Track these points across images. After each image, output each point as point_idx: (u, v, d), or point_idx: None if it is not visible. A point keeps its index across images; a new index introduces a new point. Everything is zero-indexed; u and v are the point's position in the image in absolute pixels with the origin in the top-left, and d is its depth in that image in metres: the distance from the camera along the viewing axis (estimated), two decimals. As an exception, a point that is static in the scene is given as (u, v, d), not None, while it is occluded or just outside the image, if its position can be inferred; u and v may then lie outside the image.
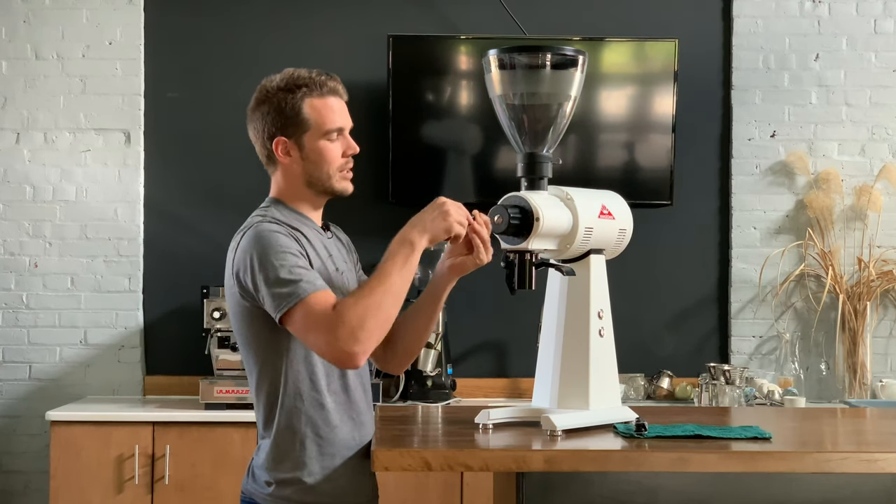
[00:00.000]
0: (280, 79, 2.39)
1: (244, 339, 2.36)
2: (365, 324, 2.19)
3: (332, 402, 2.35)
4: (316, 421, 2.32)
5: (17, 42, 4.60)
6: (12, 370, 4.59)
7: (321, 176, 2.40)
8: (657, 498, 2.27)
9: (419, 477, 4.03)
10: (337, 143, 2.40)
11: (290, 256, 2.25)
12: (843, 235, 4.67)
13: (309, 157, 2.38)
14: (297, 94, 2.36)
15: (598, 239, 2.47)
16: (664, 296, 4.71)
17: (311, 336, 2.22)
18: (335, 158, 2.40)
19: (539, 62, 2.43)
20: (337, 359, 2.22)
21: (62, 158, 4.60)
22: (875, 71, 4.70)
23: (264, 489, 2.34)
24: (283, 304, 2.21)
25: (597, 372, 2.44)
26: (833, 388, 4.60)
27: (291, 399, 2.32)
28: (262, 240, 2.27)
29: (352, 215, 4.59)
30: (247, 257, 2.27)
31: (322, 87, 2.38)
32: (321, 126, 2.37)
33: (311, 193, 2.42)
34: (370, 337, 2.20)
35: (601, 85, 4.53)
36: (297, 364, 2.32)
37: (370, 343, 2.21)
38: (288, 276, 2.22)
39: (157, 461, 4.06)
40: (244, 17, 4.65)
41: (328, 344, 2.19)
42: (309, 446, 2.32)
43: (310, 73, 2.40)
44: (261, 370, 2.34)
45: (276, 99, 2.37)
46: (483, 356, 4.69)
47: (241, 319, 2.35)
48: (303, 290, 2.21)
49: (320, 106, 2.38)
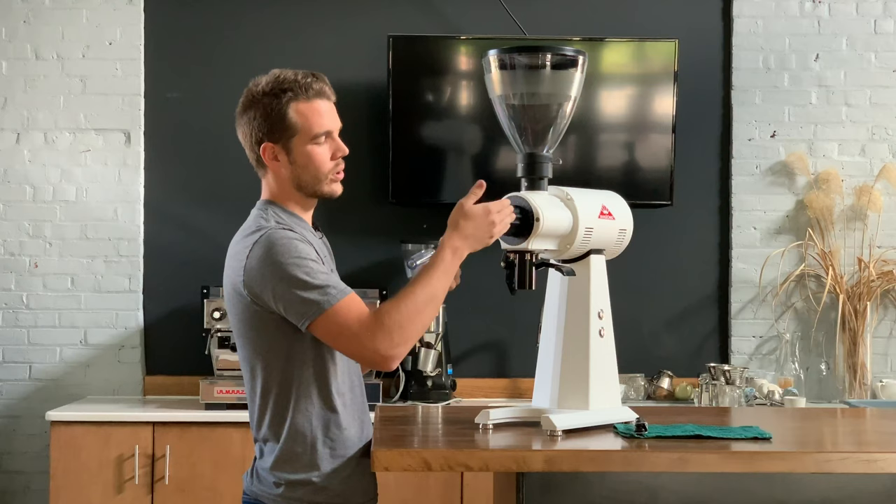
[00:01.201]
0: (265, 82, 2.36)
1: (249, 342, 2.34)
2: (404, 330, 2.21)
3: (341, 404, 2.35)
4: (328, 423, 2.33)
5: (17, 42, 4.60)
6: (12, 370, 4.59)
7: (310, 180, 2.38)
8: (657, 498, 2.27)
9: (419, 477, 4.03)
10: (325, 146, 2.37)
11: (311, 263, 2.25)
12: (843, 235, 4.67)
13: (297, 162, 2.36)
14: (283, 98, 2.33)
15: (598, 239, 2.47)
16: (664, 296, 4.71)
17: (344, 340, 2.22)
18: (324, 162, 2.37)
19: (539, 62, 2.43)
20: (372, 361, 2.25)
21: (62, 158, 4.60)
22: (875, 71, 4.70)
23: (273, 490, 2.33)
24: (312, 310, 2.21)
25: (597, 372, 2.44)
26: (833, 388, 4.60)
27: (303, 403, 2.31)
28: (280, 248, 2.25)
29: (352, 215, 4.61)
30: (264, 266, 2.25)
31: (307, 90, 2.34)
32: (308, 131, 2.34)
33: (300, 196, 2.41)
34: (408, 341, 2.23)
35: (601, 85, 4.53)
36: (307, 368, 2.32)
37: (407, 347, 2.23)
38: (314, 283, 2.22)
39: (157, 461, 4.06)
40: (244, 18, 4.65)
41: (364, 348, 2.21)
42: (320, 449, 2.32)
43: (296, 75, 2.36)
44: (269, 374, 2.33)
45: (261, 104, 2.34)
46: (483, 356, 4.69)
47: (248, 325, 2.33)
48: (332, 297, 2.21)
49: (306, 110, 2.34)
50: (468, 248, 2.31)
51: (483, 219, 2.29)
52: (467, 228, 2.30)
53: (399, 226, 4.60)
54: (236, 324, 2.37)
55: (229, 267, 2.35)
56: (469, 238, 2.30)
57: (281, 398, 2.33)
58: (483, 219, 2.29)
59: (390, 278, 4.55)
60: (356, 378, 2.44)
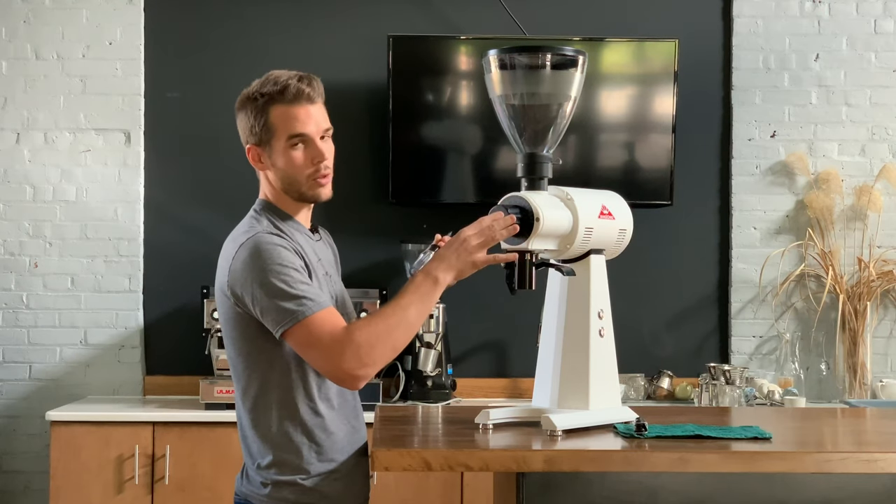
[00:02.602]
0: (255, 85, 2.38)
1: (235, 344, 2.35)
2: (374, 350, 2.20)
3: (327, 409, 2.34)
4: (312, 429, 2.32)
5: (17, 42, 4.60)
6: (12, 370, 4.59)
7: (292, 182, 2.38)
8: (657, 498, 2.27)
9: (419, 477, 4.02)
10: (301, 150, 2.36)
11: (292, 272, 2.24)
12: (843, 235, 4.67)
13: (276, 165, 2.37)
14: (262, 101, 2.34)
15: (598, 239, 2.47)
16: (664, 296, 4.71)
17: (314, 353, 2.22)
18: (301, 165, 2.36)
19: (539, 62, 2.43)
20: (339, 378, 2.24)
21: (62, 158, 4.60)
22: (875, 71, 4.70)
23: (260, 490, 2.34)
24: (286, 320, 2.21)
25: (597, 372, 2.44)
26: (833, 388, 4.60)
27: (286, 407, 2.31)
28: (263, 253, 2.25)
29: (352, 215, 4.61)
30: (246, 270, 2.26)
31: (286, 93, 2.33)
32: (284, 133, 2.35)
33: (289, 199, 2.41)
34: (375, 363, 2.21)
35: (601, 85, 4.53)
36: (290, 373, 2.31)
37: (374, 368, 2.22)
38: (292, 292, 2.21)
39: (158, 461, 4.06)
40: (244, 18, 4.65)
41: (331, 363, 2.20)
42: (307, 453, 2.32)
43: (280, 76, 2.36)
44: (251, 376, 2.33)
45: (247, 107, 2.37)
46: (483, 356, 4.69)
47: (232, 325, 2.33)
48: (308, 309, 2.20)
49: (283, 114, 2.34)
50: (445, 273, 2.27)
51: (458, 244, 2.28)
52: (445, 256, 2.28)
53: (399, 226, 4.60)
54: (223, 324, 2.37)
55: (219, 267, 2.37)
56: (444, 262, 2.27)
57: (263, 401, 2.32)
58: (458, 244, 2.28)
59: (390, 278, 4.55)
60: None
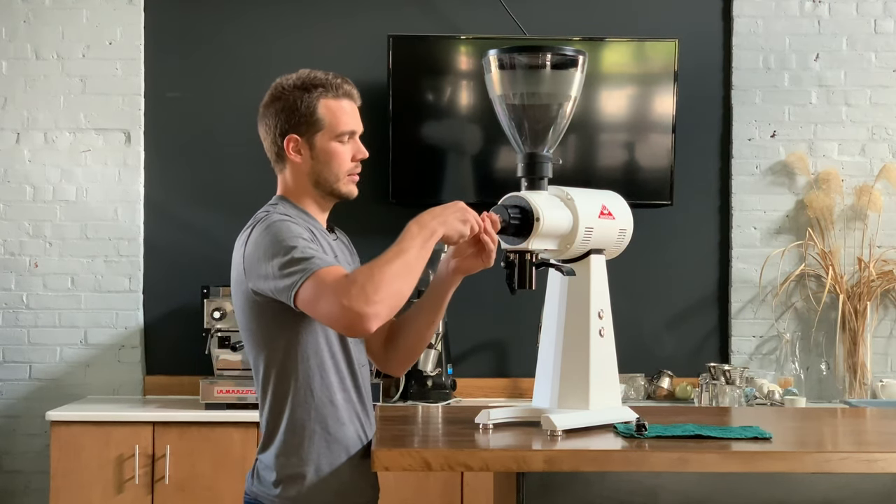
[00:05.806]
0: (296, 77, 2.40)
1: (252, 335, 2.36)
2: (379, 287, 2.14)
3: (342, 400, 2.36)
4: (325, 417, 2.33)
5: (17, 42, 4.60)
6: (12, 370, 4.59)
7: (329, 177, 2.41)
8: (657, 498, 2.27)
9: (419, 477, 4.03)
10: (347, 146, 2.42)
11: (301, 241, 2.25)
12: (843, 235, 4.67)
13: (318, 157, 2.40)
14: (314, 93, 2.38)
15: (598, 239, 2.47)
16: (664, 296, 4.71)
17: (322, 303, 2.17)
18: (344, 161, 2.41)
19: (539, 62, 2.43)
20: (349, 321, 2.15)
21: (62, 158, 4.60)
22: (875, 71, 4.70)
23: (271, 490, 2.34)
24: (296, 280, 2.19)
25: (597, 372, 2.44)
26: (833, 388, 4.60)
27: (302, 395, 2.32)
28: (273, 228, 2.27)
29: (352, 215, 4.59)
30: (258, 248, 2.27)
31: (338, 89, 2.40)
32: (334, 127, 2.39)
33: (317, 194, 2.43)
34: (382, 300, 2.14)
35: (601, 85, 4.53)
36: (307, 360, 2.32)
37: (382, 307, 2.15)
38: (300, 256, 2.21)
39: (158, 461, 4.06)
40: (244, 18, 4.64)
41: (338, 305, 2.13)
42: (317, 442, 2.33)
43: (326, 74, 2.42)
44: (268, 366, 2.34)
45: (291, 97, 2.38)
46: (483, 356, 4.69)
47: (250, 315, 2.34)
48: (314, 265, 2.19)
49: (335, 107, 2.40)
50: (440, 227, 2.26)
51: (459, 210, 2.29)
52: (443, 213, 2.29)
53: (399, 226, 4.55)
54: (240, 316, 2.38)
55: (233, 260, 2.38)
56: (439, 217, 2.27)
57: (280, 389, 2.34)
58: (459, 210, 2.29)
59: (390, 278, 4.55)
60: (362, 378, 2.43)
